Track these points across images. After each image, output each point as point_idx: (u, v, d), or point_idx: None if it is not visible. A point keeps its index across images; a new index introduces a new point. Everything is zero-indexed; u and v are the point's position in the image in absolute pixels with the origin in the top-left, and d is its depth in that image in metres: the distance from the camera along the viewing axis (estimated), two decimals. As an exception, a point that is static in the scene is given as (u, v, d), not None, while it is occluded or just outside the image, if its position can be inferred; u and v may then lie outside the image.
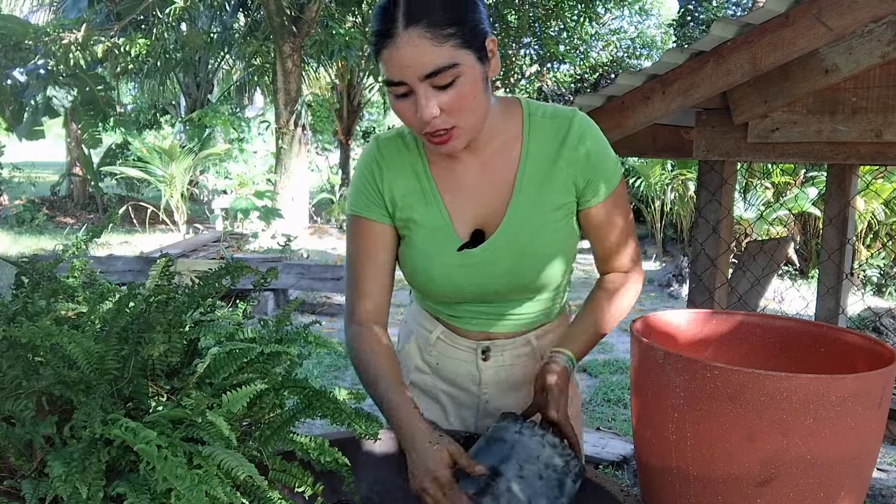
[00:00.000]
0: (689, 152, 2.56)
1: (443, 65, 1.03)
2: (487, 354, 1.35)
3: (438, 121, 1.07)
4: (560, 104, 1.30)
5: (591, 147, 1.21)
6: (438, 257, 1.25)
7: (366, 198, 1.26)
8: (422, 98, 1.06)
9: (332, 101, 15.59)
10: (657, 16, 16.59)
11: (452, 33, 1.04)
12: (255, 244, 9.67)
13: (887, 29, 1.83)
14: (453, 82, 1.05)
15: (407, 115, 1.10)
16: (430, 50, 1.03)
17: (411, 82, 1.05)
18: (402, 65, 1.03)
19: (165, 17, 10.33)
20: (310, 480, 0.92)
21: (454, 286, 1.27)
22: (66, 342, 0.83)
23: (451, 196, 1.24)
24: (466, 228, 1.25)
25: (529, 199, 1.22)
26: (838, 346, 1.22)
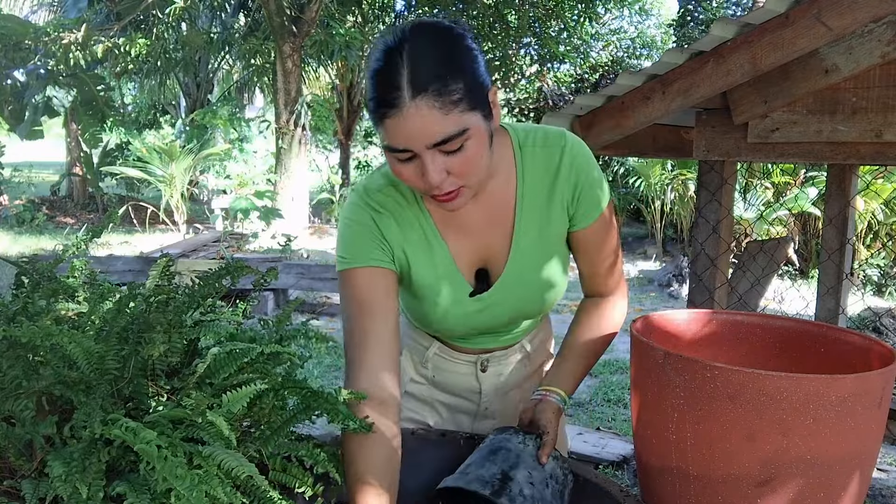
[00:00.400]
0: (689, 152, 2.56)
1: (452, 133, 0.98)
2: (486, 366, 1.35)
3: (445, 182, 1.03)
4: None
5: (583, 174, 1.19)
6: (451, 305, 1.21)
7: (363, 246, 1.15)
8: (429, 164, 1.00)
9: (332, 101, 15.59)
10: (657, 16, 16.59)
11: (460, 98, 0.97)
12: (255, 244, 9.68)
13: (887, 29, 1.83)
14: (461, 147, 1.00)
15: (411, 179, 1.04)
16: (440, 120, 0.97)
17: (418, 150, 0.99)
18: (410, 136, 0.98)
19: (165, 17, 10.32)
20: (309, 481, 0.92)
21: (466, 327, 1.27)
22: (66, 342, 0.83)
23: (454, 239, 1.20)
24: (470, 268, 1.22)
25: (531, 233, 1.20)
26: (838, 346, 1.22)
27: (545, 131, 1.21)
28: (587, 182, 1.19)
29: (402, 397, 1.37)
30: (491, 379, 1.36)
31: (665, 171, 9.26)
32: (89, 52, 9.09)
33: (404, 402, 1.40)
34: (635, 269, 8.85)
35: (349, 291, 1.15)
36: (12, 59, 9.00)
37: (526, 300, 1.24)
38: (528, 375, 1.40)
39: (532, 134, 1.20)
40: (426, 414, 1.42)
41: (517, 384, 1.39)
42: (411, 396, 1.42)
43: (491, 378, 1.36)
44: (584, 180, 1.18)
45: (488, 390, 1.37)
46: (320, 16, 10.27)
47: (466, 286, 1.21)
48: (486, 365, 1.35)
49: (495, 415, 1.40)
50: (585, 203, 1.20)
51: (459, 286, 1.21)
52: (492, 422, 1.40)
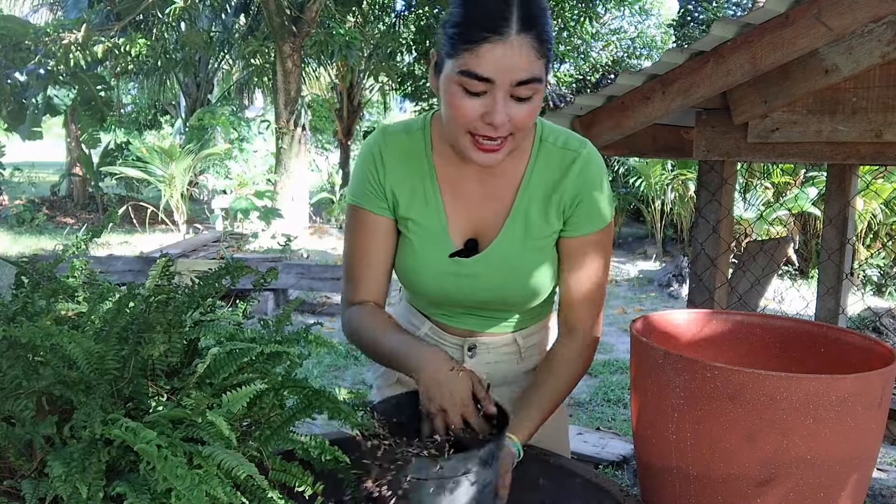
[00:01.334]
0: (689, 152, 2.56)
1: (537, 76, 1.04)
2: (474, 352, 1.35)
3: (505, 128, 1.06)
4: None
5: (588, 185, 1.21)
6: (430, 260, 1.25)
7: (367, 190, 1.25)
8: (500, 102, 1.04)
9: (332, 101, 15.60)
10: (657, 16, 16.58)
11: (549, 49, 1.05)
12: (255, 244, 9.68)
13: (887, 29, 1.83)
14: (531, 97, 1.06)
15: (469, 112, 1.06)
16: (533, 60, 1.02)
17: (500, 84, 1.03)
18: (503, 67, 1.01)
19: (165, 17, 10.32)
20: (310, 480, 0.92)
21: (441, 290, 1.28)
22: (66, 342, 0.83)
23: (452, 200, 1.24)
24: (461, 235, 1.25)
25: (525, 221, 1.22)
26: (838, 346, 1.22)
27: (569, 135, 1.24)
28: (590, 194, 1.21)
29: (395, 386, 1.43)
30: (477, 367, 1.35)
31: (665, 171, 9.26)
32: (89, 53, 9.09)
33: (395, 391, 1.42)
34: (635, 269, 8.85)
35: (351, 223, 1.28)
36: (12, 59, 9.00)
37: (506, 283, 1.25)
38: (520, 373, 1.39)
39: (556, 133, 1.24)
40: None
41: (508, 380, 1.38)
42: (403, 385, 1.42)
43: (477, 365, 1.35)
44: (587, 191, 1.20)
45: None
46: (320, 16, 10.27)
47: (450, 246, 1.24)
48: (473, 351, 1.35)
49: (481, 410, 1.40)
50: (582, 213, 1.21)
51: (443, 244, 1.24)
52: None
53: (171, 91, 15.47)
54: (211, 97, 15.22)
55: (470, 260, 1.23)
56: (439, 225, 1.24)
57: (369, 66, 12.83)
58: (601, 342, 5.42)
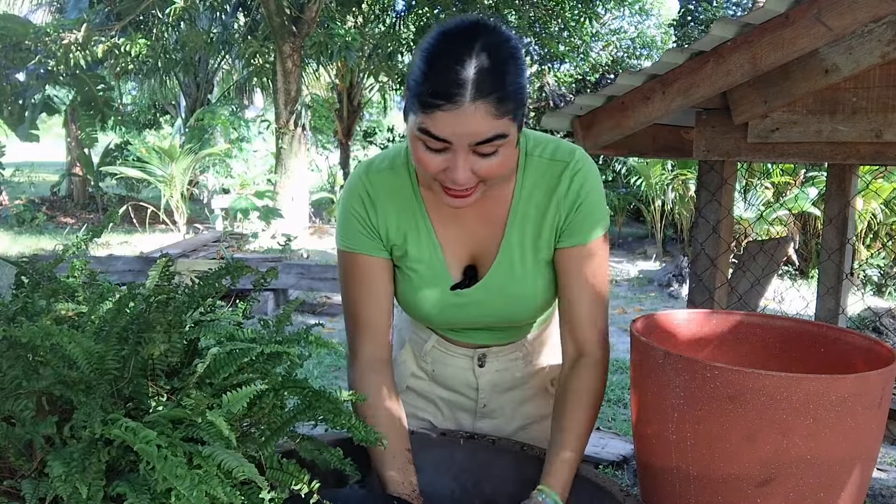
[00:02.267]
0: (689, 152, 2.56)
1: (496, 135, 1.00)
2: (483, 361, 1.35)
3: (469, 181, 1.04)
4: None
5: (581, 196, 1.17)
6: (431, 295, 1.23)
7: (359, 233, 1.21)
8: (461, 161, 1.01)
9: (332, 101, 15.60)
10: (657, 16, 16.59)
11: (512, 108, 1.01)
12: (255, 244, 9.68)
13: (887, 29, 1.83)
14: (496, 151, 1.03)
15: (431, 166, 1.04)
16: (490, 122, 0.99)
17: (457, 146, 1.01)
18: (458, 132, 0.99)
19: (165, 17, 10.33)
20: (305, 478, 0.92)
21: (445, 320, 1.27)
22: (66, 342, 0.83)
23: (445, 232, 1.22)
24: (459, 264, 1.23)
25: (521, 241, 1.20)
26: (838, 346, 1.22)
27: (557, 145, 1.20)
28: (585, 202, 1.17)
29: (404, 393, 1.41)
30: (489, 375, 1.36)
31: (665, 171, 9.26)
32: (89, 53, 9.09)
33: (406, 398, 1.42)
34: (635, 269, 8.85)
35: (347, 270, 1.24)
36: (12, 59, 9.00)
37: (507, 307, 1.23)
38: (529, 375, 1.39)
39: (543, 144, 1.20)
40: (429, 411, 1.42)
41: (517, 383, 1.38)
42: (412, 392, 1.42)
43: (489, 374, 1.36)
44: (581, 199, 1.17)
45: (485, 386, 1.37)
46: (320, 16, 10.27)
47: (449, 278, 1.22)
48: (483, 360, 1.34)
49: (494, 414, 1.39)
50: (579, 222, 1.18)
51: (442, 276, 1.22)
52: (491, 421, 1.39)
53: (171, 91, 15.47)
54: (211, 97, 15.22)
55: (470, 290, 1.22)
56: (436, 260, 1.21)
57: (369, 66, 12.83)
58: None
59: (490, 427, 1.38)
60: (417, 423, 1.41)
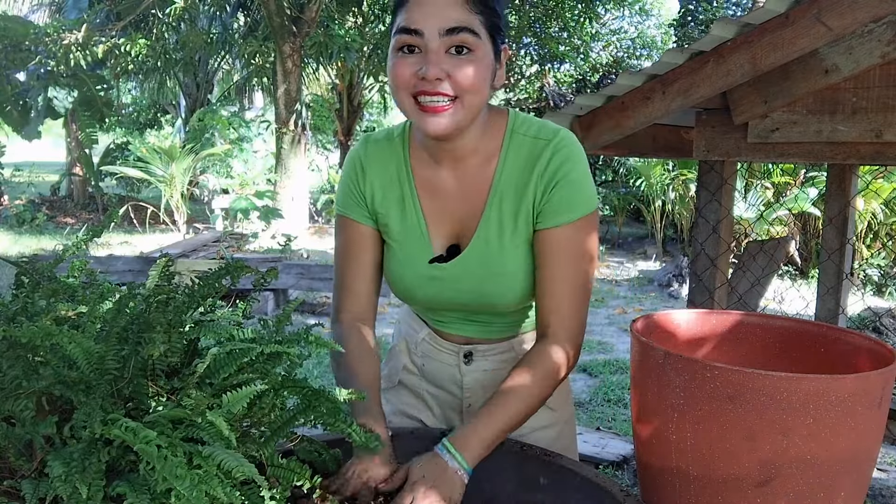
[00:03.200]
0: (689, 152, 2.56)
1: (468, 25, 1.03)
2: (470, 359, 1.34)
3: (442, 84, 1.05)
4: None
5: (561, 172, 1.14)
6: (412, 266, 1.24)
7: (350, 198, 1.26)
8: (433, 54, 1.04)
9: (332, 101, 15.60)
10: (657, 16, 16.60)
11: (484, 11, 1.05)
12: (255, 244, 9.68)
13: (887, 29, 1.83)
14: (468, 52, 1.05)
15: (406, 72, 1.06)
16: (462, 9, 1.03)
17: (429, 34, 1.03)
18: (428, 12, 1.03)
19: (165, 17, 10.33)
20: (307, 474, 0.92)
21: (426, 296, 1.26)
22: (66, 342, 0.83)
23: (430, 205, 1.22)
24: (443, 240, 1.23)
25: (499, 219, 1.18)
26: (838, 346, 1.22)
27: (541, 125, 1.20)
28: (563, 182, 1.14)
29: (396, 388, 1.43)
30: (474, 373, 1.35)
31: (665, 171, 9.27)
32: (89, 53, 9.09)
33: (398, 395, 1.44)
34: (635, 269, 8.85)
35: (337, 233, 1.29)
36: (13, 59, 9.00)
37: (487, 285, 1.21)
38: None
39: (528, 123, 1.20)
40: (419, 408, 1.42)
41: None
42: (404, 387, 1.43)
43: (474, 372, 1.35)
44: (559, 178, 1.14)
45: (471, 384, 1.36)
46: (320, 16, 10.27)
47: (430, 251, 1.23)
48: (470, 358, 1.34)
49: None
50: (556, 202, 1.14)
51: (424, 249, 1.23)
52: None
53: (171, 91, 15.47)
54: (211, 97, 15.23)
55: (448, 264, 1.21)
56: (419, 230, 1.22)
57: (369, 66, 12.84)
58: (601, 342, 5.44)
59: None
60: (409, 421, 1.42)
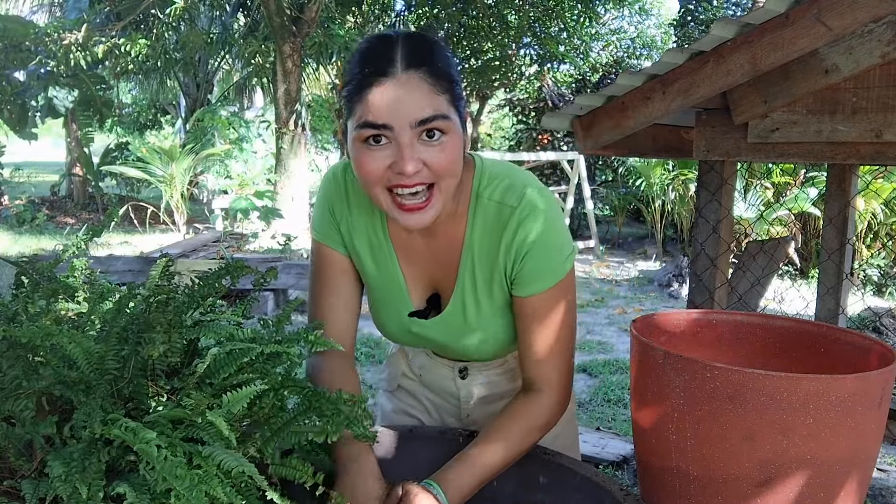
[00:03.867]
0: (689, 152, 2.56)
1: (440, 112, 0.96)
2: (465, 374, 1.34)
3: (420, 174, 0.98)
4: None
5: (528, 242, 1.09)
6: (392, 316, 1.22)
7: (327, 225, 1.19)
8: (406, 147, 0.96)
9: (332, 101, 15.60)
10: (657, 16, 16.61)
11: (448, 88, 0.99)
12: (255, 244, 9.68)
13: (887, 29, 1.83)
14: (442, 138, 0.98)
15: (375, 166, 0.98)
16: (430, 95, 0.96)
17: (399, 128, 0.95)
18: (396, 108, 0.95)
19: (165, 17, 10.33)
20: (310, 471, 0.92)
21: (410, 343, 1.26)
22: (66, 342, 0.83)
23: (405, 262, 1.19)
24: (420, 292, 1.20)
25: (473, 283, 1.15)
26: (838, 346, 1.22)
27: (509, 186, 1.12)
28: (532, 252, 1.10)
29: (397, 391, 1.43)
30: (471, 387, 1.35)
31: (665, 171, 9.26)
32: (89, 53, 9.09)
33: (398, 396, 1.44)
34: (635, 269, 8.86)
35: (313, 258, 1.23)
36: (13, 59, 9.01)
37: (465, 345, 1.20)
38: (515, 390, 1.35)
39: (494, 184, 1.13)
40: (418, 409, 1.42)
41: (504, 396, 1.35)
42: (404, 390, 1.43)
43: (471, 386, 1.35)
44: (527, 250, 1.10)
45: (467, 397, 1.36)
46: (320, 16, 10.28)
47: (408, 304, 1.20)
48: (465, 373, 1.34)
49: (479, 423, 1.37)
50: (527, 273, 1.11)
51: (402, 301, 1.20)
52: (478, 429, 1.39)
53: (172, 91, 15.47)
54: (211, 97, 15.22)
55: (429, 322, 1.19)
56: (396, 283, 1.19)
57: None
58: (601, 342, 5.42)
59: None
60: (409, 420, 1.42)
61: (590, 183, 10.05)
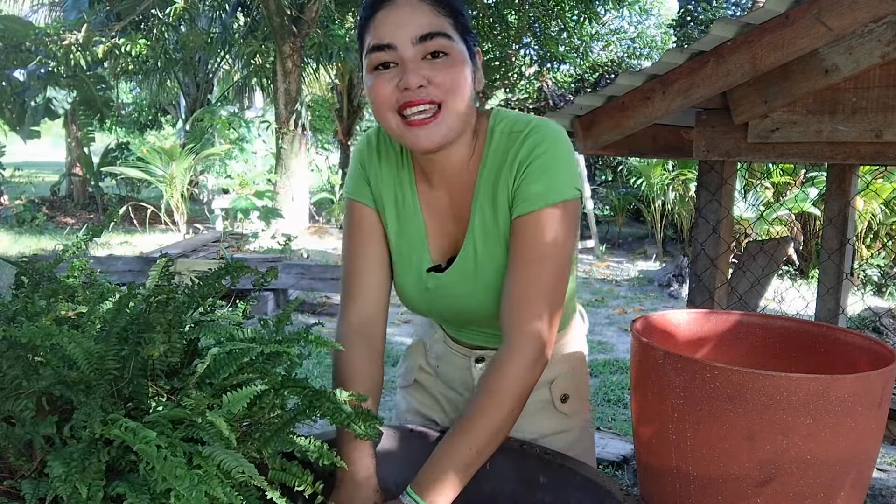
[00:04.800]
0: (689, 152, 2.56)
1: (440, 30, 1.02)
2: (482, 364, 1.34)
3: (425, 91, 1.01)
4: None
5: (532, 154, 1.07)
6: (410, 273, 1.21)
7: (357, 180, 1.21)
8: (410, 62, 1.01)
9: (332, 101, 15.60)
10: (657, 16, 16.61)
11: (451, 13, 1.04)
12: (255, 244, 9.68)
13: (887, 29, 1.83)
14: (444, 56, 1.02)
15: (386, 88, 1.02)
16: (431, 15, 1.02)
17: (402, 46, 1.01)
18: (398, 24, 1.01)
19: (165, 17, 10.33)
20: (309, 479, 0.92)
21: (425, 305, 1.24)
22: (66, 342, 0.83)
23: (429, 219, 1.20)
24: (441, 248, 1.20)
25: (483, 226, 1.14)
26: (838, 346, 1.22)
27: (520, 119, 1.13)
28: (533, 165, 1.07)
29: (412, 387, 1.43)
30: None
31: (665, 171, 9.27)
32: (90, 53, 9.09)
33: (414, 393, 1.44)
34: (635, 269, 8.85)
35: (346, 220, 1.24)
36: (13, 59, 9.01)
37: (482, 295, 1.17)
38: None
39: (508, 120, 1.13)
40: (434, 409, 1.42)
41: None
42: (420, 387, 1.43)
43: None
44: (529, 162, 1.07)
45: None
46: (320, 17, 10.27)
47: (427, 260, 1.20)
48: (482, 361, 1.33)
49: None
50: (524, 188, 1.07)
51: (423, 257, 1.20)
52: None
53: (172, 91, 15.47)
54: (211, 97, 15.22)
55: (442, 274, 1.19)
56: (419, 238, 1.20)
57: (369, 66, 12.81)
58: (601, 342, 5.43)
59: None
60: (423, 420, 1.42)
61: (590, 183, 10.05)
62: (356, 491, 1.05)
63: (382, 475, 1.12)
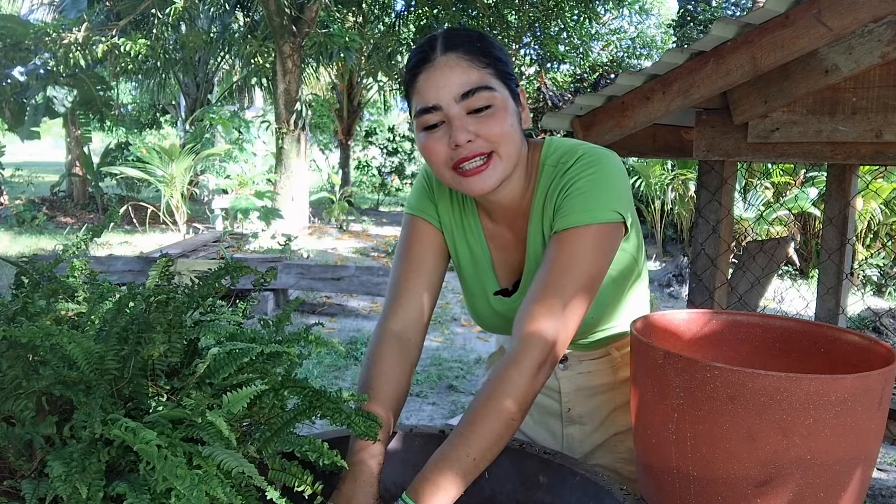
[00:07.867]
0: (689, 152, 2.56)
1: (479, 84, 1.04)
2: (566, 364, 1.35)
3: (475, 145, 1.05)
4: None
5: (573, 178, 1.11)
6: (480, 295, 1.26)
7: (424, 200, 1.25)
8: (457, 120, 1.05)
9: (332, 101, 15.60)
10: (657, 16, 16.61)
11: (490, 63, 1.06)
12: (255, 244, 9.68)
13: (887, 29, 1.83)
14: (489, 108, 1.06)
15: (438, 147, 1.07)
16: (469, 70, 1.05)
17: (446, 105, 1.05)
18: (438, 85, 1.04)
19: (165, 17, 10.33)
20: (309, 479, 0.92)
21: (497, 326, 1.28)
22: (66, 342, 0.83)
23: (494, 245, 1.24)
24: (506, 277, 1.25)
25: (535, 251, 1.19)
26: (838, 346, 1.22)
27: (570, 148, 1.16)
28: (576, 184, 1.10)
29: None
30: (572, 378, 1.35)
31: (665, 171, 9.27)
32: (89, 52, 9.09)
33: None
34: (635, 269, 8.85)
35: (403, 234, 1.27)
36: (12, 59, 9.01)
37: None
38: (618, 383, 1.35)
39: (560, 150, 1.17)
40: None
41: (604, 389, 1.35)
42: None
43: (571, 377, 1.34)
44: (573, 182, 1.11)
45: (568, 390, 1.35)
46: (320, 16, 10.28)
47: (494, 284, 1.24)
48: (565, 363, 1.34)
49: (583, 420, 1.36)
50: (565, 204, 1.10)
51: (489, 282, 1.25)
52: (581, 428, 1.37)
53: (172, 91, 15.47)
54: (211, 97, 15.22)
55: (510, 298, 1.23)
56: (485, 262, 1.24)
57: (368, 66, 12.85)
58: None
59: (579, 434, 1.37)
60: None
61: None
62: (355, 493, 1.05)
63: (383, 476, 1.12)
